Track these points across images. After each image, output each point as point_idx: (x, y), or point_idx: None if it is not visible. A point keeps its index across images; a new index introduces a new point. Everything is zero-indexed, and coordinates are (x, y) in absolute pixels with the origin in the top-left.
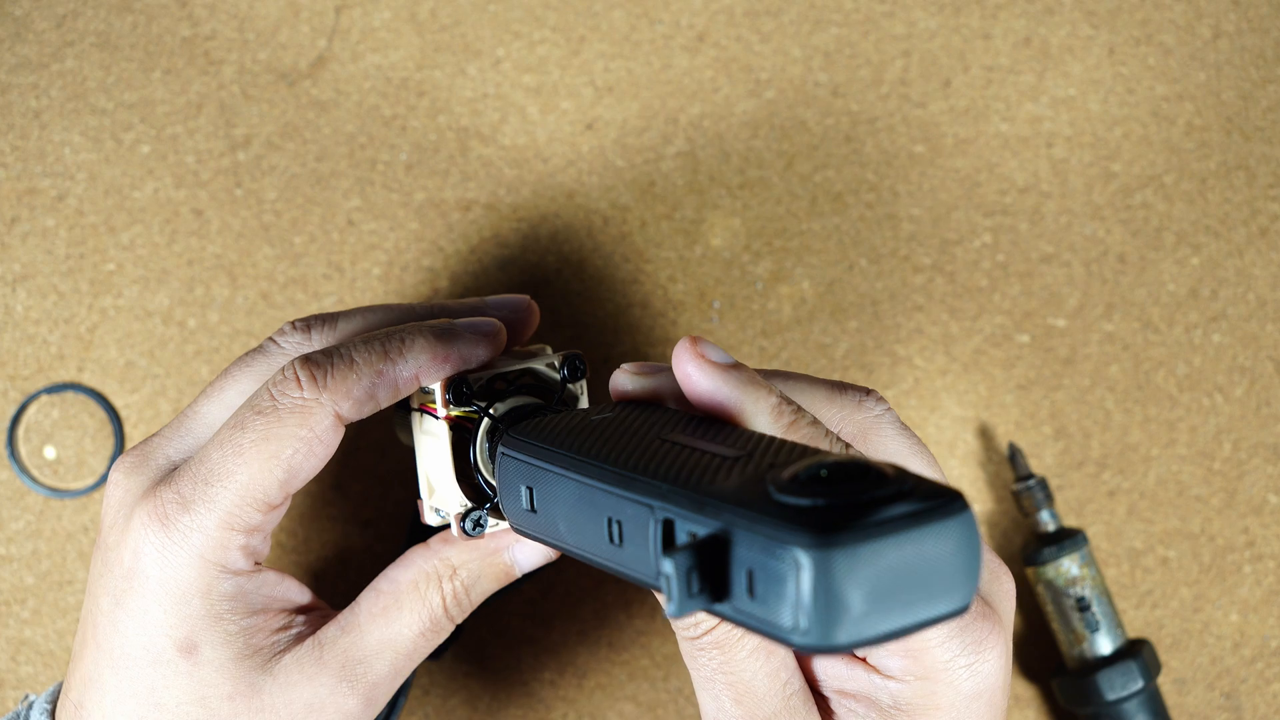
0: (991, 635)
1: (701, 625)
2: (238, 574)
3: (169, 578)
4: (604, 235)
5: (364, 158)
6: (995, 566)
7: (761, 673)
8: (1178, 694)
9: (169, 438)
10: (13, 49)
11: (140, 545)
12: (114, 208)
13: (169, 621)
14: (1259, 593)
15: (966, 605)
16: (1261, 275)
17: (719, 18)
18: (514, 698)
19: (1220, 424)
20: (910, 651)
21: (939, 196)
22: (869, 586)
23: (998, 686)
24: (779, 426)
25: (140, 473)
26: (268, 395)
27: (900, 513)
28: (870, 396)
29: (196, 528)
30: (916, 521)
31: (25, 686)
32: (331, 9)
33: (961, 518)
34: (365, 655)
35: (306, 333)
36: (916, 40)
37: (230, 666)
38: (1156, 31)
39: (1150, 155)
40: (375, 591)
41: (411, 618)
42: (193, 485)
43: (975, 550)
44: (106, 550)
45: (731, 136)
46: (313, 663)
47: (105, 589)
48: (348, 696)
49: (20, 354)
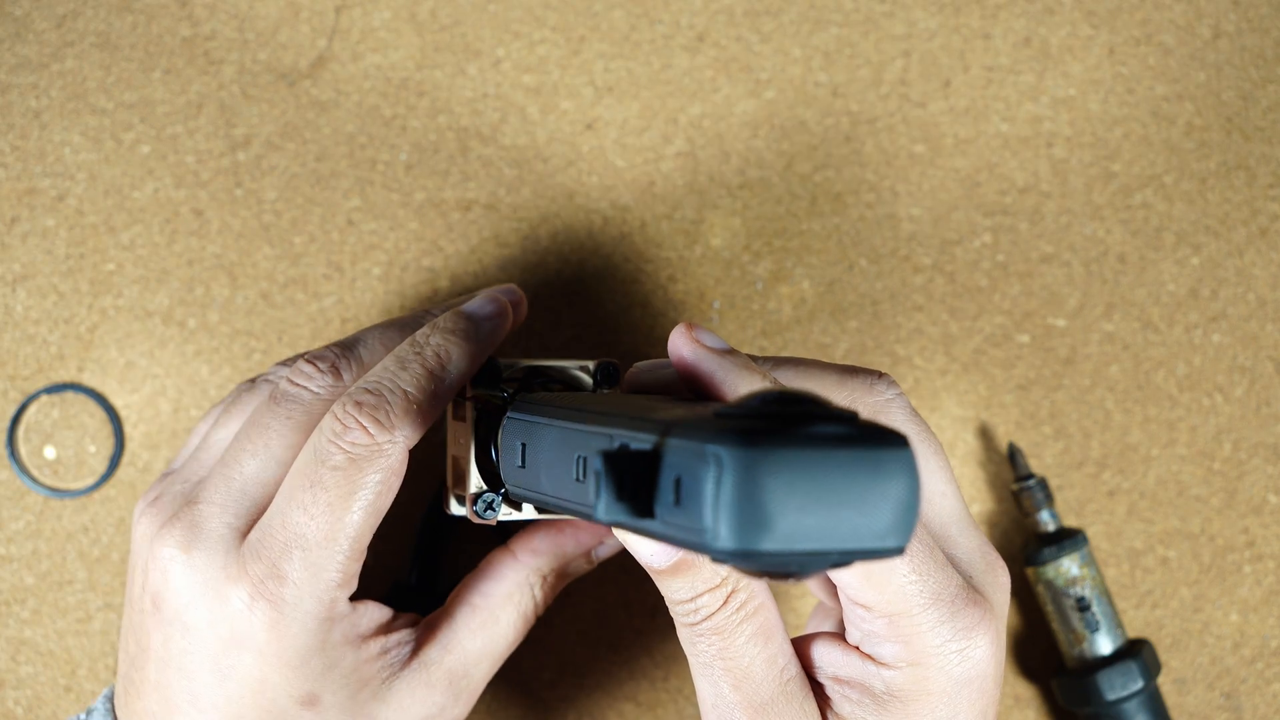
0: (983, 622)
1: (702, 611)
2: (345, 618)
3: (286, 647)
4: (604, 235)
5: (364, 158)
6: (991, 559)
7: (759, 658)
8: (1178, 694)
9: (223, 505)
10: (13, 49)
11: (247, 624)
12: (114, 208)
13: (291, 683)
14: (1259, 593)
15: (900, 548)
16: (1261, 275)
17: (719, 18)
18: (514, 698)
19: (1220, 424)
20: (901, 636)
21: (939, 196)
22: (791, 497)
23: (989, 674)
24: None
25: (206, 548)
26: (338, 449)
27: (832, 432)
28: (881, 380)
29: (308, 595)
30: (848, 444)
31: (25, 686)
32: (331, 9)
33: (898, 455)
34: (469, 669)
35: (336, 375)
36: (916, 40)
37: (350, 706)
38: (1156, 31)
39: (1150, 155)
40: (470, 607)
41: (508, 627)
42: (288, 555)
43: (910, 493)
44: (190, 629)
45: (731, 136)
46: (423, 685)
47: (200, 665)
48: (454, 706)
49: (20, 354)
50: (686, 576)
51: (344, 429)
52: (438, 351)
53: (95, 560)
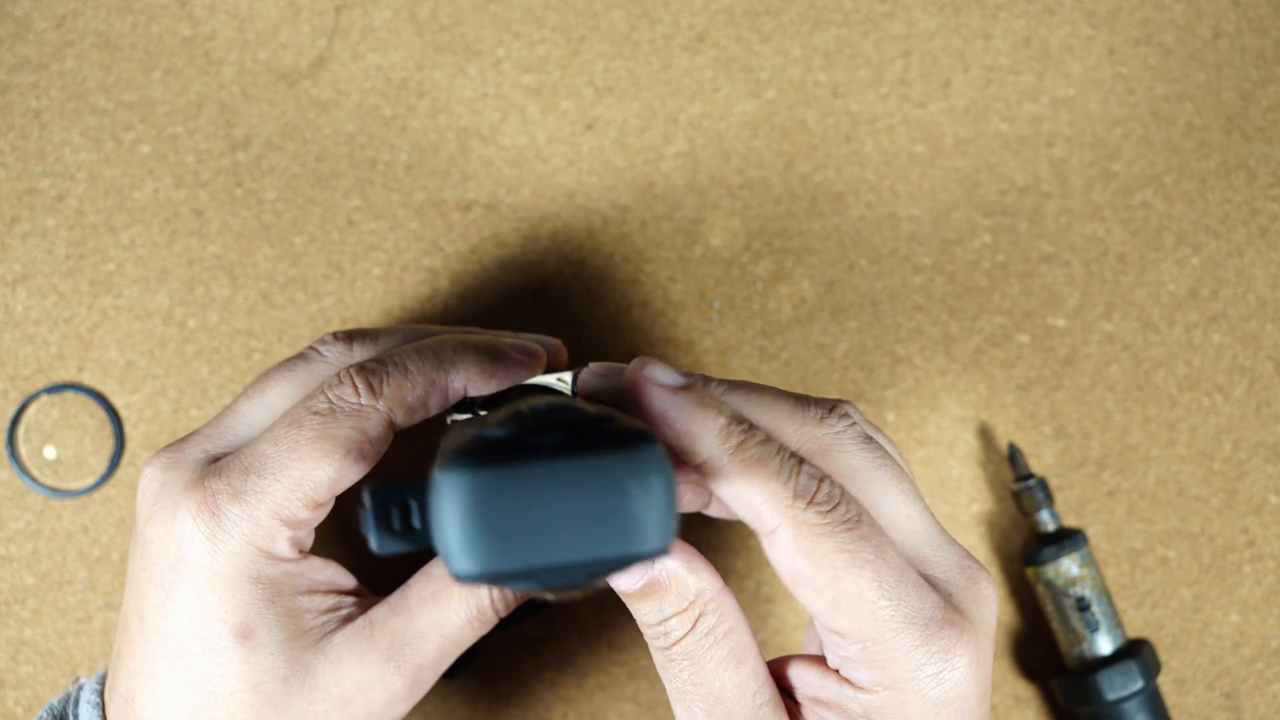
0: (960, 643)
1: (671, 635)
2: (285, 560)
3: (220, 565)
4: (604, 235)
5: (364, 158)
6: (972, 573)
7: (730, 683)
8: (1178, 694)
9: (208, 435)
10: (13, 49)
11: (190, 535)
12: (114, 208)
13: (224, 607)
14: (1259, 593)
15: (662, 548)
16: (1261, 275)
17: (719, 18)
18: (514, 697)
19: (1220, 424)
20: (875, 661)
21: (939, 196)
22: (519, 514)
23: (969, 694)
24: (728, 447)
25: (179, 467)
26: (325, 398)
27: (549, 441)
28: (833, 412)
29: (247, 517)
30: (575, 453)
31: (25, 686)
32: (331, 9)
33: (635, 457)
34: (413, 637)
35: (349, 344)
36: (916, 40)
37: (285, 648)
38: (1156, 31)
39: (1150, 155)
40: (427, 576)
41: (460, 604)
42: (244, 476)
43: (658, 492)
44: (148, 543)
45: (731, 136)
46: (363, 641)
47: (151, 581)
48: (394, 677)
49: (20, 354)
50: (655, 599)
51: (338, 383)
52: (454, 350)
53: (95, 560)
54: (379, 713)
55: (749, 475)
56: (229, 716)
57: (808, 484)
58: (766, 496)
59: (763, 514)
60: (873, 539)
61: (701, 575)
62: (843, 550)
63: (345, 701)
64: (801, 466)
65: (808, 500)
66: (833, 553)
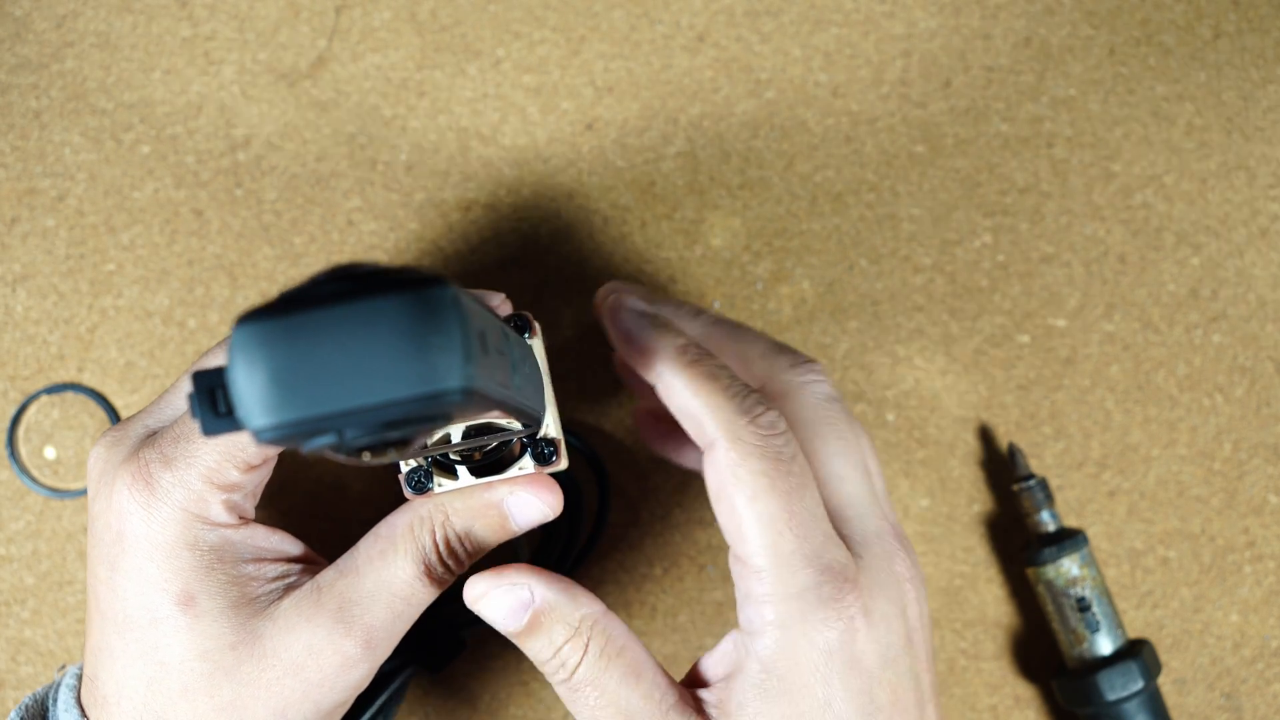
0: (854, 596)
1: (568, 664)
2: (222, 526)
3: (156, 533)
4: (604, 235)
5: (364, 158)
6: (890, 549)
7: (635, 696)
8: (1178, 694)
9: (149, 412)
10: (13, 49)
11: (126, 506)
12: (114, 208)
13: (163, 576)
14: (1259, 593)
15: (463, 386)
16: (1261, 275)
17: (719, 18)
18: (514, 698)
19: (1220, 424)
20: (770, 595)
21: (939, 196)
22: (305, 360)
23: (866, 652)
24: (683, 361)
25: (121, 444)
26: None
27: (331, 290)
28: (808, 366)
29: (179, 483)
30: (359, 296)
31: (25, 686)
32: (331, 9)
33: (422, 296)
34: (361, 597)
35: None
36: (916, 40)
37: (230, 614)
38: (1156, 31)
39: (1150, 155)
40: (373, 536)
41: (405, 560)
42: (174, 444)
43: (448, 329)
44: (94, 520)
45: (731, 136)
46: (310, 605)
47: (100, 557)
48: (344, 638)
49: (20, 354)
50: (543, 633)
51: None
52: None
53: None
54: (334, 676)
55: (696, 386)
56: (181, 686)
57: (753, 405)
58: (711, 409)
59: (704, 424)
60: (799, 476)
61: (581, 601)
62: (765, 474)
63: (297, 667)
64: (753, 393)
65: (750, 418)
66: (756, 474)
